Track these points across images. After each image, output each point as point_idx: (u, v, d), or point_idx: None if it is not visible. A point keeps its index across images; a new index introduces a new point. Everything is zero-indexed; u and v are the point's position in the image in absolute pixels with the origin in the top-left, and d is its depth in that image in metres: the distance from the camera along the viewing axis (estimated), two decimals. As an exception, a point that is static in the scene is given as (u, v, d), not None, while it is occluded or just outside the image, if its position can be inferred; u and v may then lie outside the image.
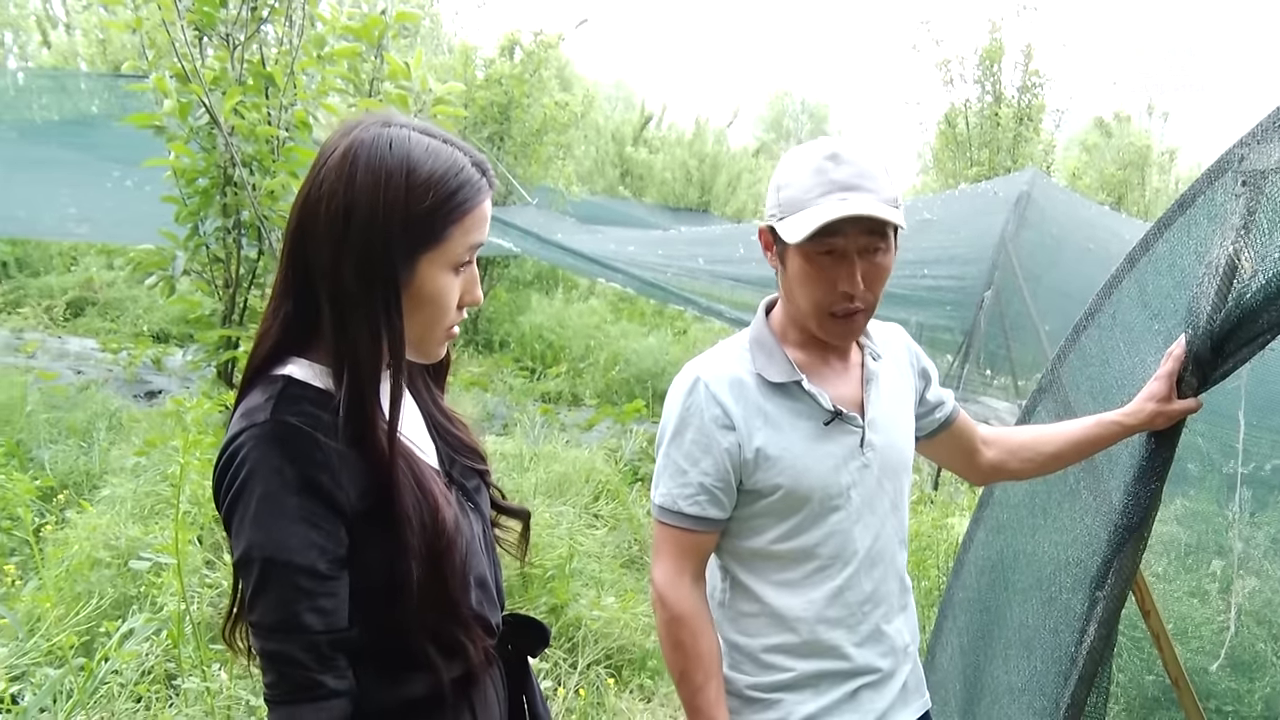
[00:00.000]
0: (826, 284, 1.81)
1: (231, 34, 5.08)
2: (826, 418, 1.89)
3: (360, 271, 1.32)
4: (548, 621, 4.31)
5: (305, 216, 1.36)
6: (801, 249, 1.78)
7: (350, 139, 1.35)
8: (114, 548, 3.94)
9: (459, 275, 1.39)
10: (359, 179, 1.32)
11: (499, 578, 1.61)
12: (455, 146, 1.40)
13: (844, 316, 1.84)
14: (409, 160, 1.34)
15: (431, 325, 1.40)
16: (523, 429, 7.50)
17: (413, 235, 1.33)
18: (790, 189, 1.80)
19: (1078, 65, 32.11)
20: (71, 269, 13.26)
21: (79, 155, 8.05)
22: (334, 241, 1.32)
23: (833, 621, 1.93)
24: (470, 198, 1.37)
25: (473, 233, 1.38)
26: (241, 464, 1.28)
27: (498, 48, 13.28)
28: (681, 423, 1.90)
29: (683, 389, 1.92)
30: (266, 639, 1.29)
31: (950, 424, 2.21)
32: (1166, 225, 2.39)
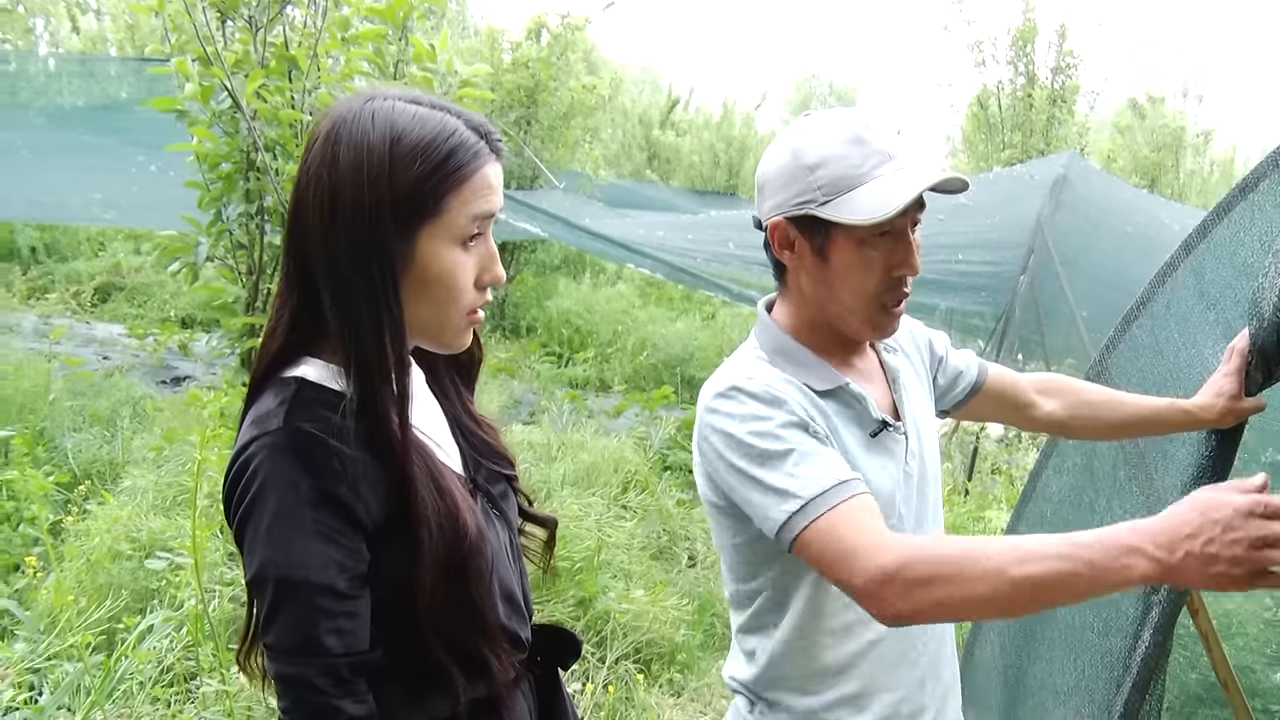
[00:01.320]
0: (881, 270, 1.59)
1: (255, 16, 5.01)
2: (874, 427, 1.68)
3: (353, 256, 1.22)
4: (575, 615, 4.26)
5: (297, 206, 1.27)
6: (855, 235, 1.56)
7: (333, 119, 1.26)
8: (135, 540, 3.89)
9: (469, 251, 1.28)
10: (342, 158, 1.23)
11: (526, 589, 1.51)
12: (448, 111, 1.29)
13: (895, 306, 1.63)
14: (393, 130, 1.24)
15: (445, 308, 1.29)
16: (550, 417, 7.44)
17: (405, 209, 1.23)
18: (831, 166, 1.56)
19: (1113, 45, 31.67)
20: (99, 254, 13.31)
21: (105, 140, 8.05)
22: (324, 228, 1.23)
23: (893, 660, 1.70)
24: (467, 162, 1.26)
25: (475, 202, 1.26)
26: (253, 476, 1.19)
27: (524, 31, 13.19)
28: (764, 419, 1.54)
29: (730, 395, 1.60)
30: (282, 662, 1.20)
31: (980, 388, 2.01)
32: (1227, 210, 2.27)
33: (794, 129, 1.65)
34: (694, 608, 4.67)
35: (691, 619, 4.57)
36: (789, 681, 1.70)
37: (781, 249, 1.66)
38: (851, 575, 1.39)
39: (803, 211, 1.59)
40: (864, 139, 1.56)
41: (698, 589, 4.93)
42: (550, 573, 1.65)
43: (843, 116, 1.61)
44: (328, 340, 1.27)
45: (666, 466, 6.86)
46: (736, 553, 1.70)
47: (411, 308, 1.28)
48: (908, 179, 1.54)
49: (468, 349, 1.45)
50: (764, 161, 1.67)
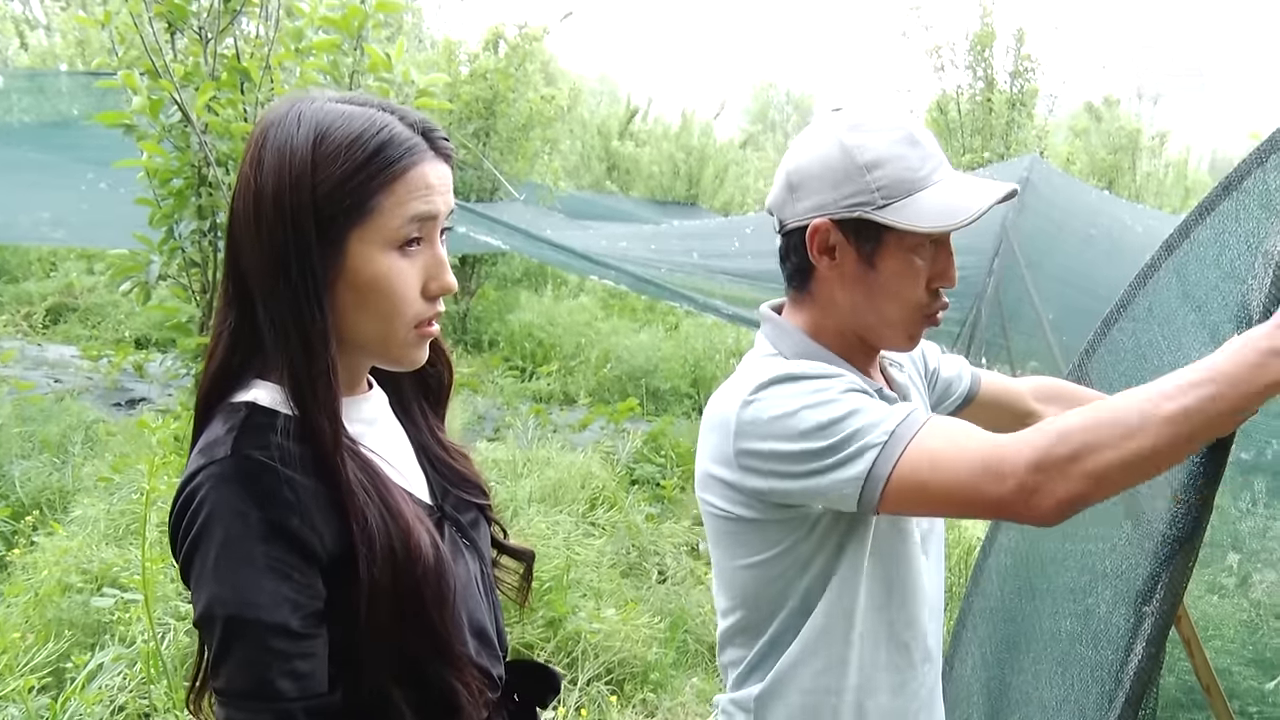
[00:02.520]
0: (925, 281, 1.50)
1: (204, 27, 4.89)
2: None
3: (277, 262, 1.14)
4: (545, 636, 4.16)
5: (231, 217, 1.20)
6: (908, 243, 1.47)
7: (264, 125, 1.18)
8: (86, 572, 3.75)
9: (409, 257, 1.18)
10: (266, 161, 1.15)
11: (500, 624, 1.40)
12: (382, 108, 1.20)
13: (934, 317, 1.55)
14: (318, 128, 1.15)
15: (388, 320, 1.19)
16: (515, 432, 7.36)
17: (329, 210, 1.14)
18: (890, 166, 1.46)
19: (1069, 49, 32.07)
20: (51, 275, 13.06)
21: (53, 157, 7.88)
22: (250, 236, 1.16)
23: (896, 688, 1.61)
24: (399, 158, 1.16)
25: (411, 202, 1.17)
26: (199, 507, 1.10)
27: (482, 42, 13.12)
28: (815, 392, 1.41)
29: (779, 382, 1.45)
30: (233, 708, 1.11)
31: (973, 398, 1.92)
32: (1209, 210, 2.21)
33: (839, 124, 1.52)
34: (666, 625, 4.59)
35: (664, 636, 4.49)
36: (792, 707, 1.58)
37: (820, 254, 1.53)
38: (995, 484, 1.27)
39: (855, 214, 1.47)
40: (919, 141, 1.49)
41: (669, 605, 4.85)
42: (524, 606, 1.53)
43: (892, 115, 1.51)
44: (270, 360, 1.18)
45: (634, 480, 6.80)
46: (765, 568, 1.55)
47: (352, 320, 1.19)
48: (970, 186, 1.47)
49: (435, 369, 1.37)
50: (802, 155, 1.54)
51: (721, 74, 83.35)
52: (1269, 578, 4.00)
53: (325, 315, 1.15)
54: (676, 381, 9.81)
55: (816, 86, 68.02)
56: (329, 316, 1.16)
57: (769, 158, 27.16)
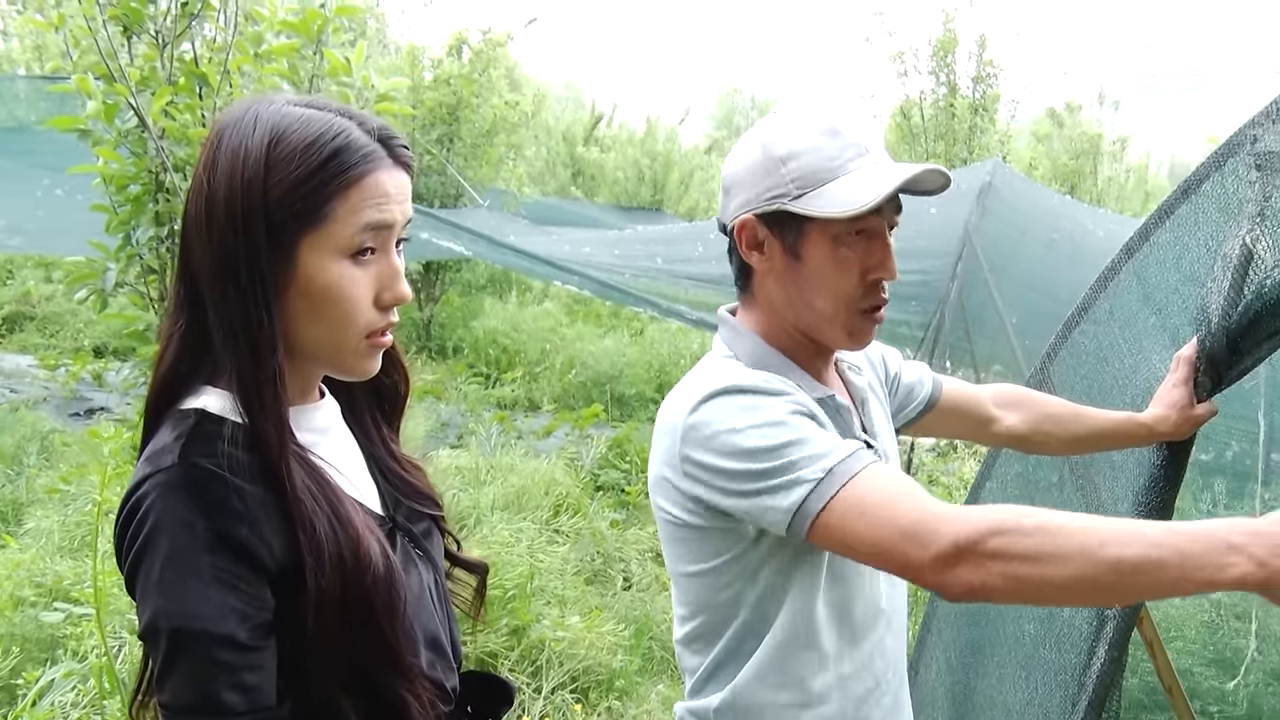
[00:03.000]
0: (855, 273, 1.50)
1: (161, 31, 4.82)
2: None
3: (228, 267, 1.11)
4: (508, 645, 4.13)
5: (184, 220, 1.16)
6: (830, 231, 1.47)
7: (219, 127, 1.15)
8: (40, 585, 3.69)
9: (361, 265, 1.16)
10: (219, 163, 1.12)
11: (455, 635, 1.38)
12: (340, 113, 1.17)
13: (873, 311, 1.53)
14: (273, 131, 1.12)
15: (339, 329, 1.17)
16: (478, 439, 7.32)
17: (280, 215, 1.12)
18: (805, 158, 1.47)
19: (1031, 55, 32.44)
20: (8, 282, 12.88)
21: (9, 163, 7.77)
22: (201, 238, 1.13)
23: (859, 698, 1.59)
24: (354, 164, 1.14)
25: (365, 210, 1.14)
26: (145, 517, 1.07)
27: (445, 47, 13.06)
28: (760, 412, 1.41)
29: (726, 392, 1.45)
30: None
31: (935, 404, 1.92)
32: (1168, 213, 2.23)
33: (763, 125, 1.56)
34: (631, 632, 4.57)
35: (629, 644, 4.47)
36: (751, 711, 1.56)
37: (750, 250, 1.55)
38: (917, 549, 1.26)
39: (774, 207, 1.49)
40: (839, 130, 1.48)
41: (634, 612, 4.83)
42: (478, 620, 1.50)
43: (816, 109, 1.52)
44: (220, 365, 1.15)
45: (599, 487, 6.79)
46: (714, 576, 1.54)
47: (302, 328, 1.16)
48: (886, 172, 1.45)
49: (390, 379, 1.34)
50: (730, 161, 1.58)
51: (686, 79, 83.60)
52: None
53: (274, 321, 1.13)
54: (641, 387, 9.80)
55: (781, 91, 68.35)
56: (277, 322, 1.14)
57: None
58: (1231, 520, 1.16)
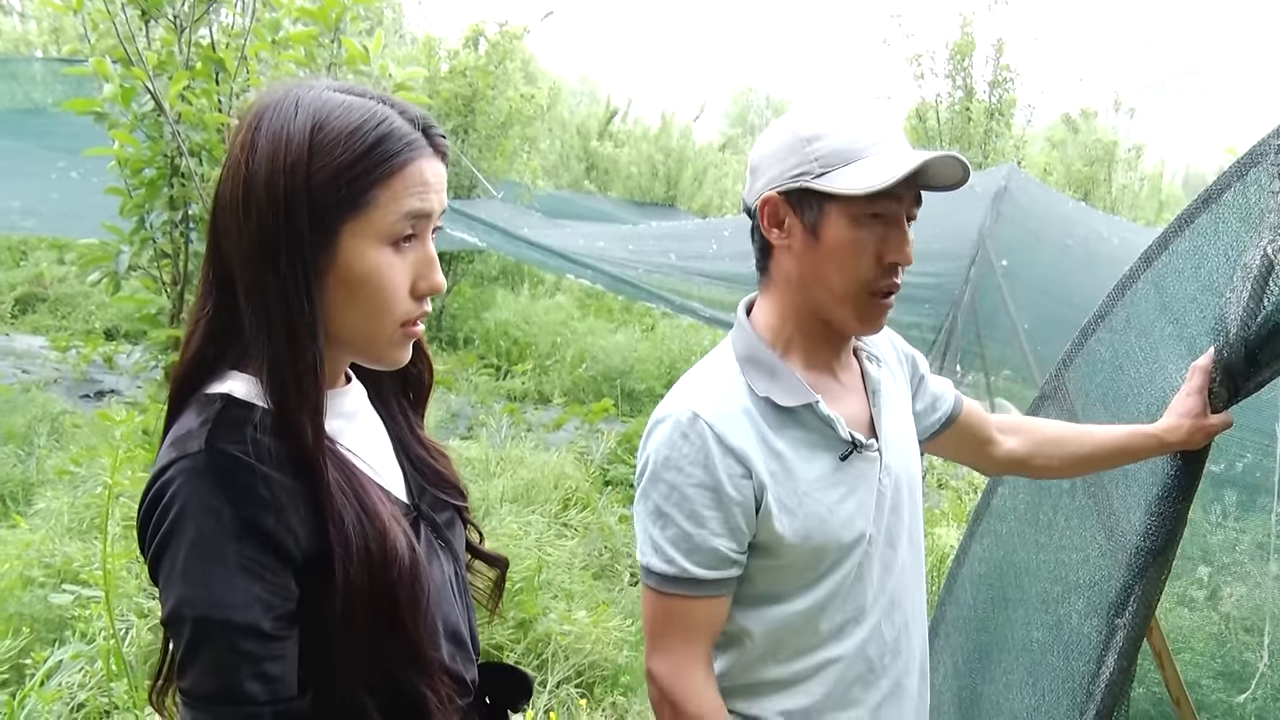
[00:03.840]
0: (871, 256, 1.53)
1: (179, 15, 4.83)
2: (844, 450, 1.60)
3: (266, 250, 1.10)
4: (515, 638, 4.13)
5: (216, 202, 1.15)
6: (849, 212, 1.51)
7: (258, 108, 1.14)
8: (49, 566, 3.69)
9: (401, 254, 1.16)
10: (260, 146, 1.11)
11: (474, 627, 1.38)
12: (381, 101, 1.17)
13: (885, 296, 1.57)
14: (316, 116, 1.12)
15: (375, 317, 1.17)
16: (489, 431, 7.32)
17: (323, 201, 1.11)
18: (831, 139, 1.52)
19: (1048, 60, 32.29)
20: (21, 264, 12.91)
21: (23, 145, 7.78)
22: (239, 221, 1.11)
23: (852, 680, 1.65)
24: (397, 152, 1.14)
25: (407, 198, 1.14)
26: (170, 503, 1.06)
27: (462, 39, 13.06)
28: (678, 471, 1.55)
29: (676, 428, 1.56)
30: (199, 710, 1.07)
31: (955, 419, 1.95)
32: (1188, 222, 2.22)
33: (792, 111, 1.62)
34: (637, 628, 4.56)
35: (635, 639, 4.46)
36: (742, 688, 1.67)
37: (771, 227, 1.60)
38: (652, 655, 1.62)
39: (797, 184, 1.54)
40: (865, 117, 1.54)
41: (640, 608, 4.82)
42: (495, 612, 1.51)
43: (845, 97, 1.61)
44: (249, 350, 1.15)
45: (607, 481, 6.78)
46: None
47: (339, 314, 1.16)
48: (905, 155, 1.49)
49: (416, 368, 1.34)
50: (758, 145, 1.64)
51: (701, 77, 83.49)
52: (1239, 591, 4.01)
53: (315, 307, 1.12)
54: (652, 383, 9.79)
55: (796, 91, 68.23)
56: (318, 309, 1.13)
57: (747, 161, 27.20)
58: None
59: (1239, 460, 3.31)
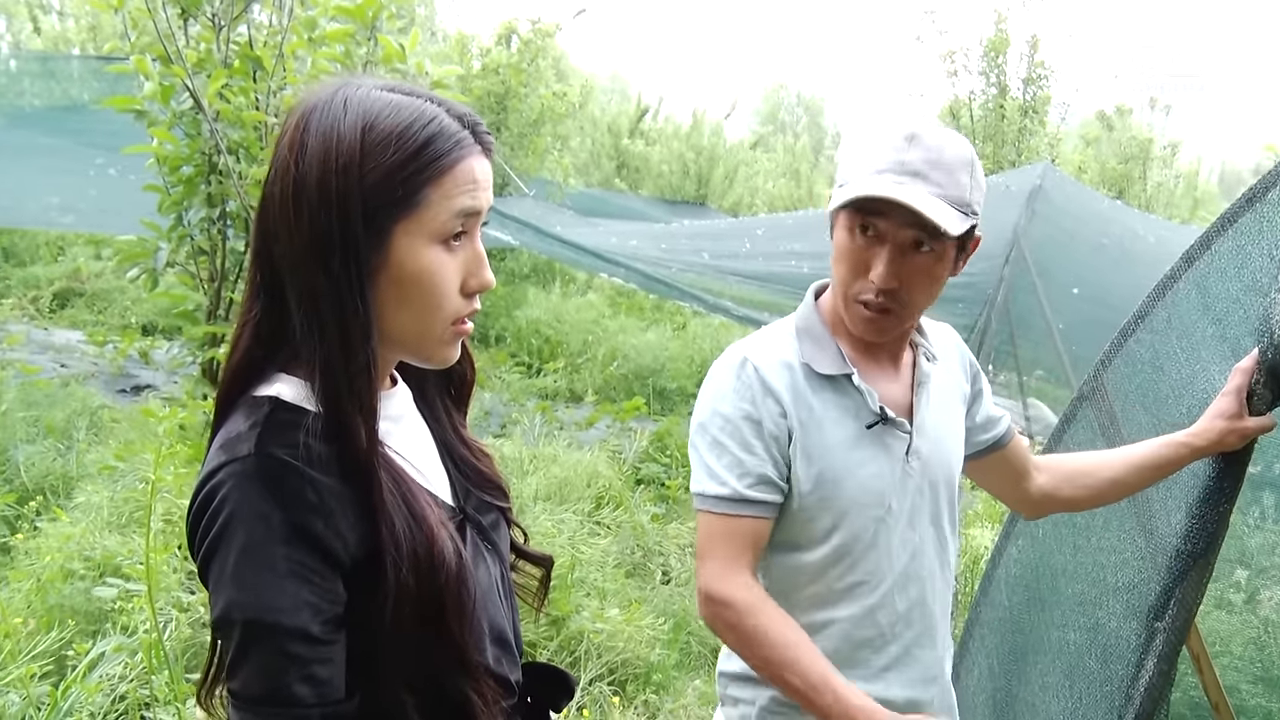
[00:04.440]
0: (857, 266, 1.68)
1: (218, 14, 4.87)
2: (870, 419, 1.74)
3: (317, 251, 1.10)
4: (548, 635, 4.14)
5: (264, 203, 1.15)
6: (846, 221, 1.68)
7: (304, 109, 1.14)
8: (89, 559, 3.73)
9: (452, 252, 1.16)
10: (309, 146, 1.11)
11: (518, 628, 1.38)
12: (429, 99, 1.16)
13: (867, 308, 1.70)
14: (365, 116, 1.12)
15: (428, 315, 1.16)
16: (521, 429, 7.33)
17: (376, 200, 1.11)
18: (859, 159, 1.66)
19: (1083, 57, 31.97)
20: (59, 259, 13.02)
21: (62, 142, 7.85)
22: (288, 223, 1.11)
23: (860, 642, 1.78)
24: (447, 151, 1.13)
25: (458, 196, 1.14)
26: (220, 506, 1.06)
27: (494, 36, 13.11)
28: (731, 404, 1.73)
29: (730, 368, 1.77)
30: (249, 712, 1.08)
31: (1003, 445, 2.02)
32: (1231, 222, 2.19)
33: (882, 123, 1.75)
34: (669, 626, 4.57)
35: (667, 638, 4.47)
36: None
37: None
38: (702, 572, 1.71)
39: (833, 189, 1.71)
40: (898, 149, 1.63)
41: (673, 606, 4.83)
42: (541, 611, 1.52)
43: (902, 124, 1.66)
44: (298, 353, 1.15)
45: (639, 480, 6.77)
46: None
47: (391, 314, 1.16)
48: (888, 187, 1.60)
49: (460, 366, 1.34)
50: None
51: (732, 74, 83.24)
52: (1278, 594, 3.97)
53: (369, 308, 1.12)
54: (683, 381, 9.77)
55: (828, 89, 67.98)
56: (372, 309, 1.13)
57: (779, 159, 27.08)
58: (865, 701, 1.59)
59: (1277, 462, 3.28)
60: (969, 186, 1.64)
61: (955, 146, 1.65)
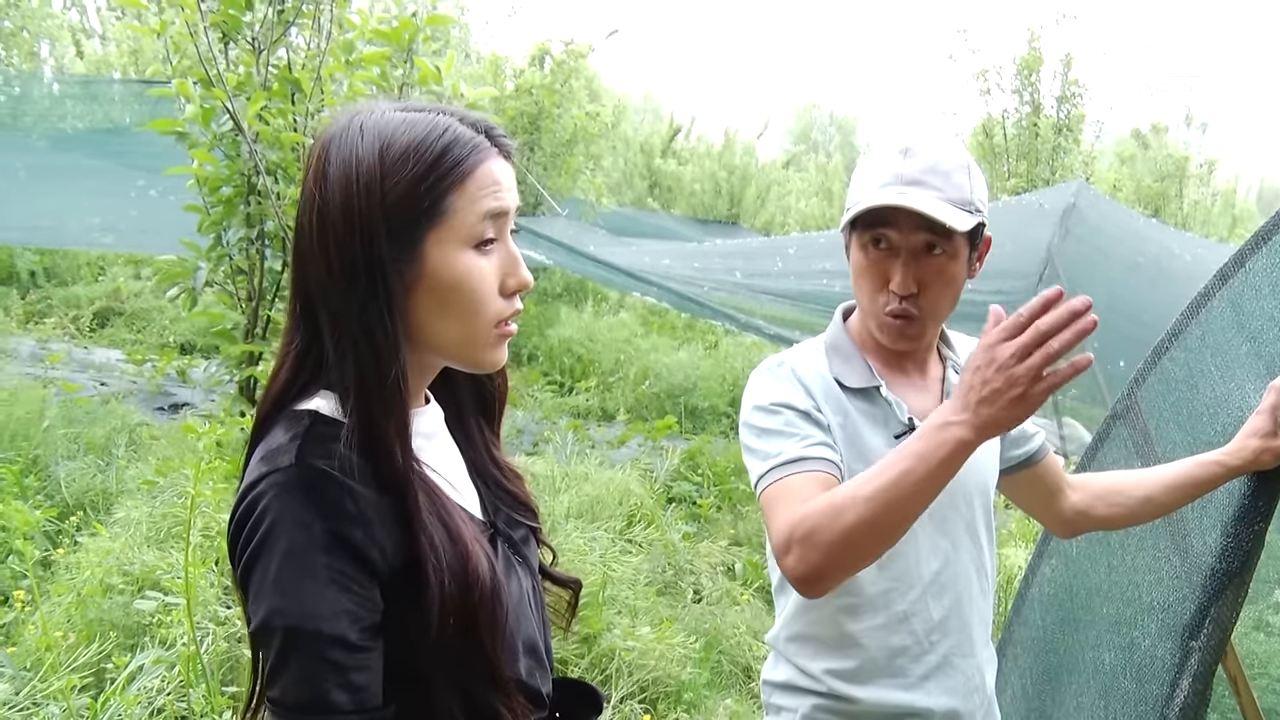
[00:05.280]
0: (876, 280, 1.74)
1: (257, 38, 4.94)
2: (899, 429, 1.77)
3: (346, 274, 1.13)
4: (579, 653, 4.14)
5: (296, 234, 1.19)
6: (859, 240, 1.74)
7: (324, 140, 1.18)
8: (128, 574, 3.77)
9: (485, 255, 1.18)
10: (331, 174, 1.14)
11: (548, 640, 1.39)
12: (440, 112, 1.20)
13: (895, 318, 1.74)
14: (381, 137, 1.15)
15: (470, 321, 1.19)
16: (554, 447, 7.35)
17: (401, 217, 1.14)
18: (860, 181, 1.73)
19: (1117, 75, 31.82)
20: (99, 279, 13.19)
21: (104, 164, 7.98)
22: (316, 250, 1.15)
23: (895, 650, 1.78)
24: (465, 156, 1.16)
25: (483, 199, 1.17)
26: (262, 516, 1.09)
27: (528, 58, 13.21)
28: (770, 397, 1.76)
29: (767, 370, 1.83)
30: (288, 719, 1.10)
31: (1036, 462, 2.02)
32: (1265, 239, 2.19)
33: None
34: (701, 645, 4.56)
35: (698, 656, 4.46)
36: (797, 640, 1.85)
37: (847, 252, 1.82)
38: (771, 545, 1.59)
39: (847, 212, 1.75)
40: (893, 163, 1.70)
41: (704, 625, 4.82)
42: (569, 631, 1.54)
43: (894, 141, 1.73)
44: (334, 374, 1.17)
45: (671, 499, 6.76)
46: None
47: (433, 324, 1.18)
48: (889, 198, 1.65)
49: (492, 380, 1.38)
50: None
51: (765, 94, 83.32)
52: (1313, 615, 3.93)
53: (396, 325, 1.14)
54: (715, 400, 9.77)
55: (860, 108, 67.91)
56: (399, 325, 1.15)
57: (811, 178, 27.09)
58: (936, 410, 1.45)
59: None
60: (969, 187, 1.69)
61: (949, 152, 1.71)
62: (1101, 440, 2.74)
